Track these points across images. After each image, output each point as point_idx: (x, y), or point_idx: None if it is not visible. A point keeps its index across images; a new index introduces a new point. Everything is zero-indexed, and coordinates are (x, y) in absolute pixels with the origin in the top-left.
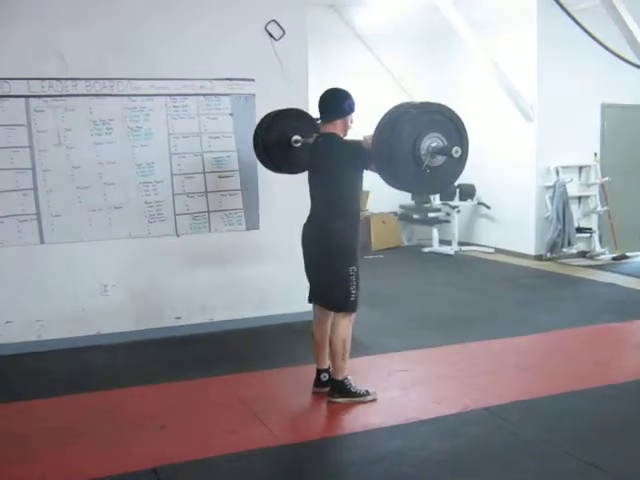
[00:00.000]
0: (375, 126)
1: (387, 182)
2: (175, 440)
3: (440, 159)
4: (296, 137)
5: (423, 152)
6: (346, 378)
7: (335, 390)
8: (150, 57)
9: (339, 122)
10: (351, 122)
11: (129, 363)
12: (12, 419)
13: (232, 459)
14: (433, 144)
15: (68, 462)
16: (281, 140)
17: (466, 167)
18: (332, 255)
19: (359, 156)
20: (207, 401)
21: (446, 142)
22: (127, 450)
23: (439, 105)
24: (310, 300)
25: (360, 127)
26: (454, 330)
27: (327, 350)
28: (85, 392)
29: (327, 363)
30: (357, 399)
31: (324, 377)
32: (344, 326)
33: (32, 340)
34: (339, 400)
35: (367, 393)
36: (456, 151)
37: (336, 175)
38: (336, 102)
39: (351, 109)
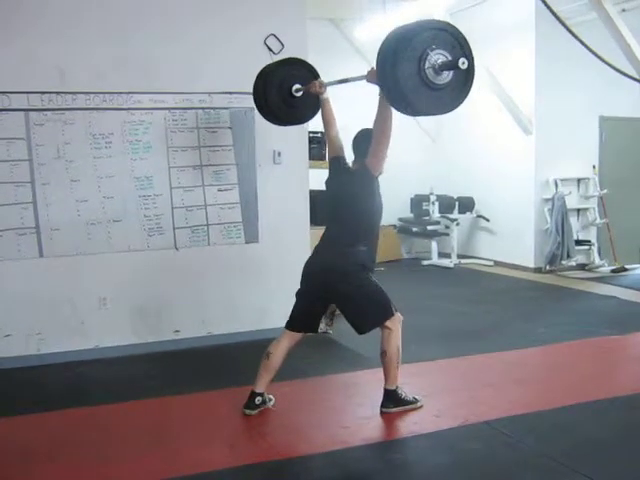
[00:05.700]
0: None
1: (394, 105)
2: (174, 454)
3: (446, 75)
4: (297, 86)
5: (428, 68)
6: (397, 387)
7: (389, 400)
8: (149, 71)
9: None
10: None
11: (128, 377)
12: (10, 433)
13: (232, 474)
14: (439, 60)
15: (65, 476)
16: (282, 86)
17: (465, 180)
18: (353, 276)
19: (377, 162)
20: (206, 415)
21: (450, 57)
22: (125, 464)
23: (444, 22)
24: (289, 326)
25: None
26: (453, 343)
27: (272, 376)
28: (83, 406)
29: (264, 389)
30: (409, 407)
31: (258, 401)
32: (395, 332)
33: (31, 354)
34: (393, 410)
35: (415, 400)
36: (462, 62)
37: (362, 208)
38: (367, 145)
39: None
